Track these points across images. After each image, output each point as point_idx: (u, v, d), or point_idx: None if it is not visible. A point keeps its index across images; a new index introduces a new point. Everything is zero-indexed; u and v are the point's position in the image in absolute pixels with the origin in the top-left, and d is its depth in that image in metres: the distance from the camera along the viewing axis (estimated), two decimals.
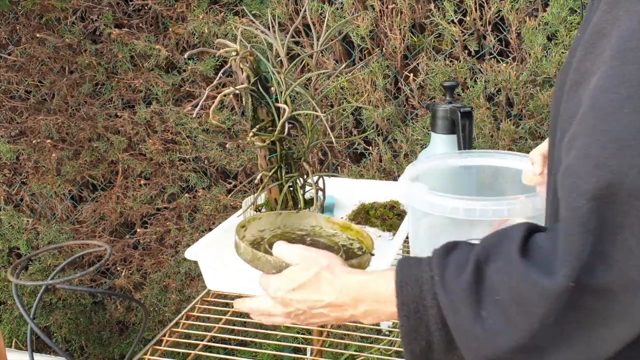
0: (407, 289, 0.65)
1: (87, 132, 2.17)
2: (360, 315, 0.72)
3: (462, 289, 0.60)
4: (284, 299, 0.76)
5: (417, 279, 0.65)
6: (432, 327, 0.63)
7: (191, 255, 1.12)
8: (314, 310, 0.74)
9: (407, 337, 0.65)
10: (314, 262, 0.75)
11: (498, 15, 1.77)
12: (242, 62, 1.06)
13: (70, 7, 2.08)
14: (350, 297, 0.71)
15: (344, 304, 0.72)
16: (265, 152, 1.12)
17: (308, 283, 0.74)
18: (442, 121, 1.38)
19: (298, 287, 0.74)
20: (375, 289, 0.70)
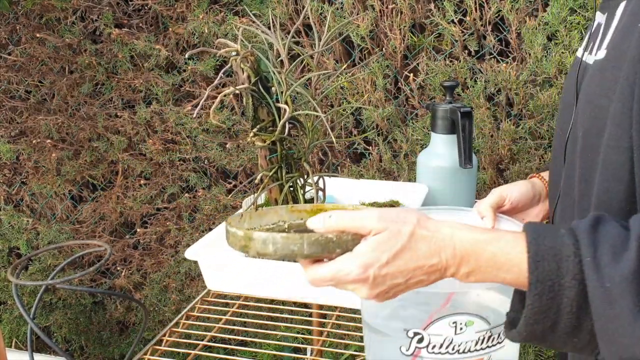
0: (543, 265, 0.58)
1: (87, 132, 2.17)
2: (462, 275, 0.64)
3: (623, 277, 0.54)
4: (376, 278, 0.63)
5: (555, 254, 0.58)
6: (563, 310, 0.58)
7: (191, 255, 1.12)
8: (412, 280, 0.64)
9: (534, 317, 0.59)
10: (402, 222, 0.64)
11: (498, 15, 1.77)
12: (242, 62, 1.06)
13: (70, 7, 2.08)
14: (454, 256, 0.63)
15: (447, 265, 0.63)
16: (265, 152, 1.12)
17: (404, 249, 0.63)
18: (442, 121, 1.38)
19: (393, 257, 0.63)
20: (492, 252, 0.62)
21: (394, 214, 0.64)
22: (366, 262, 0.63)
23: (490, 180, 1.87)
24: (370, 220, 0.64)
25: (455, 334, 0.73)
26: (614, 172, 0.68)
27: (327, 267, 0.65)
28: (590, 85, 0.74)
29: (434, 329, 0.73)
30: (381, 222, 0.64)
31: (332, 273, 0.64)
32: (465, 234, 0.63)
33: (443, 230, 0.64)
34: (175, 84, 2.09)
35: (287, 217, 0.79)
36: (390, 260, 0.62)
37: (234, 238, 0.67)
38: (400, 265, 0.63)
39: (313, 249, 0.63)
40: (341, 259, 0.64)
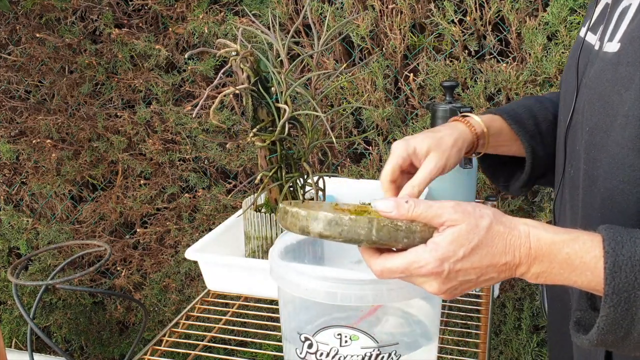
0: (620, 276, 0.57)
1: (87, 132, 2.17)
2: (532, 275, 0.62)
3: None
4: (450, 272, 0.60)
5: (633, 264, 0.57)
6: (637, 321, 0.57)
7: (191, 255, 1.11)
8: (483, 277, 0.62)
9: (607, 327, 0.58)
10: (479, 216, 0.61)
11: (498, 15, 1.77)
12: (242, 62, 1.06)
13: (70, 7, 2.08)
14: (529, 255, 0.61)
15: (519, 263, 0.61)
16: (265, 152, 1.12)
17: (481, 245, 0.60)
18: (442, 121, 1.38)
19: (469, 252, 0.60)
20: (567, 253, 0.60)
21: (471, 207, 0.62)
22: (443, 255, 0.60)
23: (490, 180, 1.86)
24: (447, 210, 0.61)
25: (341, 346, 0.73)
26: (630, 174, 0.67)
27: (401, 257, 0.61)
28: (601, 80, 0.71)
29: (321, 337, 0.74)
30: (458, 214, 0.61)
31: (405, 264, 0.61)
32: (542, 233, 0.61)
33: (520, 227, 0.62)
34: (175, 84, 2.09)
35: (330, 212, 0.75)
36: (466, 255, 0.60)
37: (294, 218, 0.64)
38: (475, 261, 0.60)
39: (381, 235, 0.60)
40: (416, 250, 0.61)
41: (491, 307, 1.14)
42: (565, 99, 0.87)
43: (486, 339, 1.04)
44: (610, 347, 0.62)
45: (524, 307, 1.92)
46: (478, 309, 1.13)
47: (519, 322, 1.94)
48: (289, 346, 0.78)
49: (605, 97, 0.70)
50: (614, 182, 0.69)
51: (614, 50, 0.70)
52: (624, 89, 0.66)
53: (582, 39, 0.83)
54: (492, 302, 1.16)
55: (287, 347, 0.80)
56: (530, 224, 0.62)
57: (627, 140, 0.66)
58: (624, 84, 0.66)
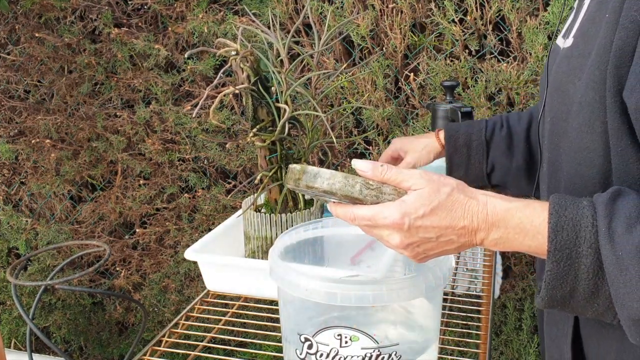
0: (562, 235, 0.62)
1: (86, 132, 2.16)
2: (491, 242, 0.67)
3: (635, 246, 0.58)
4: (410, 228, 0.67)
5: (574, 224, 0.62)
6: (581, 276, 0.62)
7: (190, 255, 1.11)
8: (442, 238, 0.67)
9: (552, 282, 0.63)
10: (442, 183, 0.68)
11: (499, 15, 1.77)
12: (242, 61, 1.06)
13: (70, 6, 2.07)
14: (486, 221, 0.67)
15: (478, 228, 0.67)
16: (265, 152, 1.11)
17: (440, 207, 0.66)
18: (442, 121, 1.37)
19: (430, 211, 0.66)
20: (519, 218, 0.66)
21: (436, 176, 0.69)
22: (405, 210, 0.66)
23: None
24: (414, 176, 0.68)
25: (341, 347, 0.73)
26: (586, 157, 0.71)
27: (369, 208, 0.69)
28: (558, 72, 0.78)
29: (321, 337, 0.74)
30: (423, 180, 0.67)
31: (372, 213, 0.68)
32: (498, 202, 0.67)
33: (479, 196, 0.68)
34: (175, 83, 2.08)
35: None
36: (426, 214, 0.66)
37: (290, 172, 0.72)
38: (434, 220, 0.66)
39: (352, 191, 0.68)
40: (385, 204, 0.68)
41: (492, 308, 1.13)
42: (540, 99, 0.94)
43: (487, 339, 1.03)
44: (561, 307, 0.65)
45: (525, 308, 1.92)
46: (479, 310, 1.12)
47: (520, 322, 1.94)
48: (289, 347, 0.78)
49: (562, 87, 0.76)
50: (574, 166, 0.73)
51: (569, 45, 0.77)
52: (576, 78, 0.72)
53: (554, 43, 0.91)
54: (492, 302, 1.15)
55: (286, 348, 0.79)
56: (489, 195, 0.68)
57: (582, 125, 0.71)
58: (576, 74, 0.72)
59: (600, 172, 0.70)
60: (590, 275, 0.61)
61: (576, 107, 0.72)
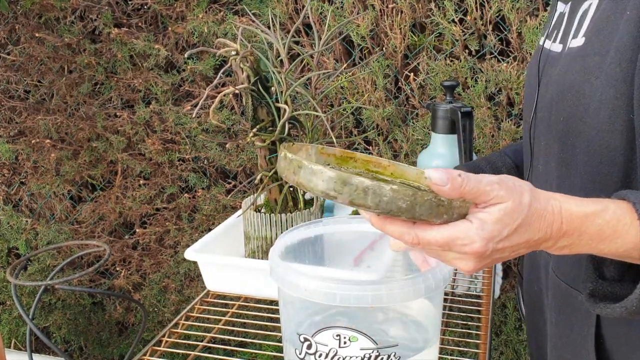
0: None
1: (86, 132, 2.16)
2: (556, 249, 0.61)
3: None
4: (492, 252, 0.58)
5: None
6: None
7: (190, 255, 1.11)
8: (513, 253, 0.60)
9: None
10: (520, 192, 0.58)
11: (499, 15, 1.77)
12: (242, 61, 1.06)
13: (70, 6, 2.07)
14: (560, 230, 0.60)
15: (549, 238, 0.60)
16: (265, 152, 1.11)
17: (523, 224, 0.58)
18: (442, 121, 1.37)
19: (513, 231, 0.57)
20: (599, 225, 0.60)
21: (511, 181, 0.59)
22: (489, 235, 0.56)
23: None
24: (494, 187, 0.57)
25: (340, 347, 0.73)
26: (607, 155, 0.71)
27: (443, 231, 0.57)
28: (569, 72, 0.77)
29: (320, 337, 0.74)
30: (503, 190, 0.57)
31: (447, 239, 0.57)
32: (572, 208, 0.60)
33: (551, 202, 0.60)
34: (175, 83, 2.08)
35: (316, 158, 0.69)
36: (510, 234, 0.57)
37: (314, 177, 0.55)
38: (514, 240, 0.58)
39: (422, 210, 0.54)
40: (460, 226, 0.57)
41: (492, 308, 1.13)
42: (527, 102, 0.93)
43: (487, 339, 1.03)
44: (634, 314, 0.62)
45: None
46: (479, 310, 1.12)
47: (520, 322, 1.93)
48: (289, 347, 0.78)
49: (576, 86, 0.75)
50: (593, 165, 0.73)
51: (580, 44, 0.76)
52: (593, 77, 0.72)
53: (541, 46, 0.91)
54: (492, 302, 1.15)
55: (286, 348, 0.80)
56: (559, 199, 0.61)
57: (602, 123, 0.70)
58: (593, 72, 0.72)
59: (622, 170, 0.70)
60: None
61: (595, 106, 0.71)
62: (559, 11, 0.88)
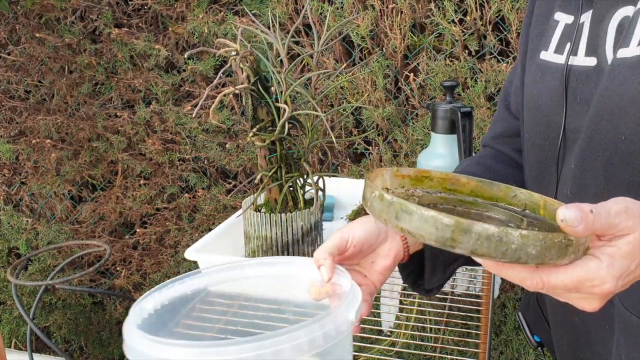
0: None
1: (86, 132, 2.16)
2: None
3: None
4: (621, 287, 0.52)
5: None
6: None
7: (191, 255, 1.11)
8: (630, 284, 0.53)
9: None
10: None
11: (498, 15, 1.77)
12: (242, 61, 1.06)
13: (70, 6, 2.08)
14: None
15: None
16: (265, 152, 1.11)
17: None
18: (442, 121, 1.38)
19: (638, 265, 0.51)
20: None
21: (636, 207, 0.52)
22: (619, 272, 0.51)
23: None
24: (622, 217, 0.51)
25: None
26: None
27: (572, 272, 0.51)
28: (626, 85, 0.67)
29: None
30: (630, 220, 0.51)
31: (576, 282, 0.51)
32: None
33: None
34: (175, 83, 2.09)
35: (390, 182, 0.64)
36: (637, 267, 0.52)
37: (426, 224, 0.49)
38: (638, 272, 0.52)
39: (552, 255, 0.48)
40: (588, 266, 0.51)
41: (491, 308, 1.13)
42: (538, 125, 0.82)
43: (486, 339, 1.03)
44: None
45: None
46: (478, 309, 1.12)
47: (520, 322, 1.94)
48: None
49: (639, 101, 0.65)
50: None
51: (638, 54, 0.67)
52: None
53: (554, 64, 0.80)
54: (492, 302, 1.16)
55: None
56: None
57: None
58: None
59: None
60: None
61: None
62: (562, 22, 0.80)
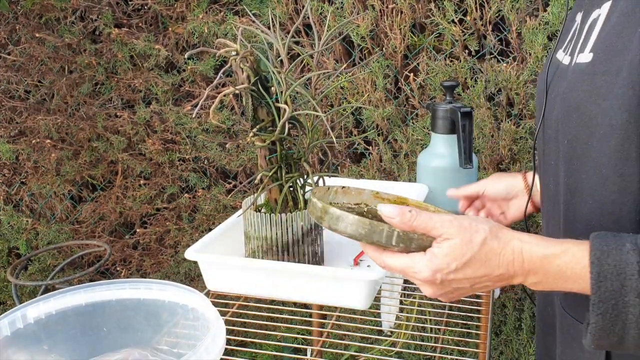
0: (606, 285, 0.59)
1: (86, 132, 2.16)
2: (530, 284, 0.66)
3: None
4: (443, 281, 0.65)
5: (619, 273, 0.58)
6: (629, 325, 0.59)
7: (191, 255, 1.11)
8: (477, 285, 0.66)
9: (598, 333, 0.60)
10: (474, 231, 0.65)
11: (498, 15, 1.77)
12: (242, 61, 1.06)
13: (70, 6, 2.08)
14: (522, 268, 0.64)
15: (515, 274, 0.65)
16: (265, 152, 1.11)
17: (473, 259, 0.64)
18: (442, 121, 1.38)
19: (463, 265, 0.64)
20: (558, 265, 0.63)
21: (467, 221, 0.65)
22: (437, 266, 0.64)
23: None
24: (444, 223, 0.65)
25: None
26: (620, 184, 0.66)
27: (400, 260, 0.67)
28: (577, 91, 0.71)
29: None
30: (454, 228, 0.65)
31: (402, 266, 0.67)
32: (534, 248, 0.64)
33: (513, 242, 0.65)
34: (175, 83, 2.09)
35: (369, 201, 0.82)
36: (459, 268, 0.64)
37: (313, 208, 0.71)
38: (468, 273, 0.65)
39: (379, 238, 0.66)
40: (414, 257, 0.66)
41: (491, 308, 1.13)
42: (537, 114, 0.89)
43: (486, 339, 1.03)
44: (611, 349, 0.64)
45: (525, 308, 1.92)
46: (478, 309, 1.12)
47: (520, 322, 1.94)
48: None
49: (582, 108, 0.69)
50: (603, 193, 0.68)
51: (587, 61, 0.70)
52: (601, 98, 0.66)
53: (551, 55, 0.87)
54: (492, 302, 1.16)
55: None
56: (524, 240, 0.65)
57: (613, 150, 0.66)
58: (601, 93, 0.66)
59: (636, 200, 0.65)
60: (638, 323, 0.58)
61: (604, 130, 0.66)
62: (577, 22, 0.82)
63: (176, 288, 0.78)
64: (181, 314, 0.74)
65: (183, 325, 0.76)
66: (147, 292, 0.78)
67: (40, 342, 0.65)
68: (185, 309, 0.75)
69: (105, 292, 0.76)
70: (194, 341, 0.70)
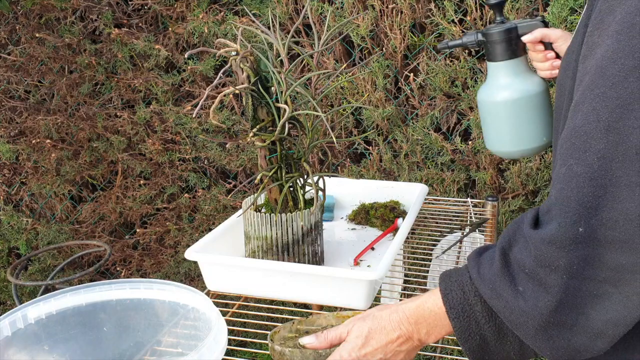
0: (451, 295, 0.71)
1: (86, 132, 2.16)
2: (424, 337, 0.75)
3: (496, 275, 0.67)
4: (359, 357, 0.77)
5: (459, 284, 0.71)
6: (481, 321, 0.69)
7: (191, 255, 1.11)
8: (389, 354, 0.77)
9: (462, 336, 0.71)
10: (360, 317, 0.79)
11: None
12: (242, 61, 1.06)
13: (70, 6, 2.08)
14: (411, 323, 0.75)
15: (409, 332, 0.75)
16: (265, 152, 1.11)
17: (372, 331, 0.76)
18: (501, 45, 1.14)
19: (366, 338, 0.77)
20: (429, 308, 0.74)
21: (355, 318, 0.80)
22: (348, 348, 0.77)
23: (491, 180, 1.86)
24: (342, 327, 0.80)
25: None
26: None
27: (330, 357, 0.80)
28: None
29: None
30: (349, 325, 0.79)
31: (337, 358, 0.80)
32: (408, 304, 0.76)
33: (395, 307, 0.77)
34: (175, 83, 2.09)
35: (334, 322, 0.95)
36: (365, 342, 0.76)
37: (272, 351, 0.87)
38: (374, 344, 0.76)
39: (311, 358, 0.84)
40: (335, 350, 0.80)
41: None
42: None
43: None
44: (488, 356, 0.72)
45: None
46: None
47: None
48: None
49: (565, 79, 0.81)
50: None
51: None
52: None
53: None
54: None
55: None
56: (401, 302, 0.78)
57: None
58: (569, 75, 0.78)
59: None
60: (487, 317, 0.69)
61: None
62: None
63: (177, 288, 0.78)
64: (182, 313, 0.74)
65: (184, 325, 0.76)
66: (147, 292, 0.78)
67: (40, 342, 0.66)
68: (186, 308, 0.76)
69: (105, 292, 0.76)
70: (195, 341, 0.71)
